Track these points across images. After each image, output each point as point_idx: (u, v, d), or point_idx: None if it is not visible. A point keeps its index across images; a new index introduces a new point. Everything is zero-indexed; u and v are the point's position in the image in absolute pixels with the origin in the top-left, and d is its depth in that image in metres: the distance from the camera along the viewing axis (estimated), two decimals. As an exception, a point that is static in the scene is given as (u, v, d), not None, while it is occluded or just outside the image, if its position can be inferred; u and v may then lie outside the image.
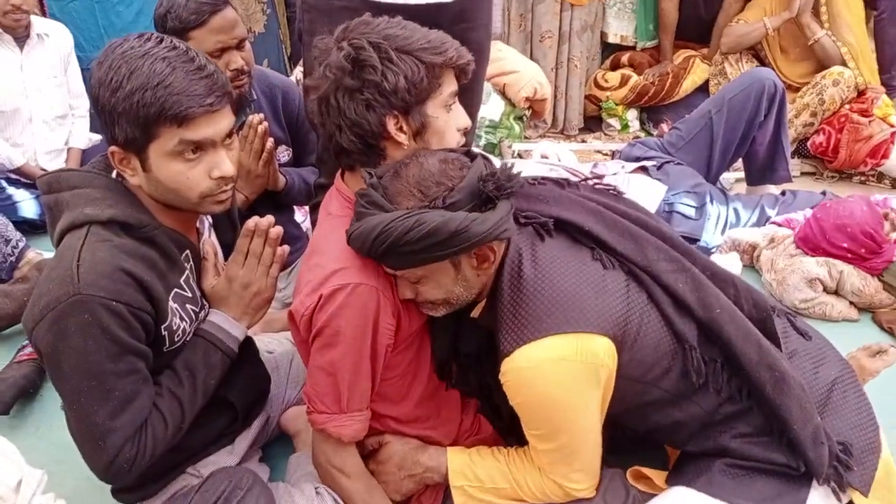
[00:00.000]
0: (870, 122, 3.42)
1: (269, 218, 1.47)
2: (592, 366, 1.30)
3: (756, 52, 3.86)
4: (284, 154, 2.28)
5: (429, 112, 1.36)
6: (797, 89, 3.65)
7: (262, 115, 2.02)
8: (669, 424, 1.44)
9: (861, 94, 3.56)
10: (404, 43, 1.31)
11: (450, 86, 1.37)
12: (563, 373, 1.29)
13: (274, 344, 2.09)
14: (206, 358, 1.44)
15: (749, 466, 1.39)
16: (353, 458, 1.50)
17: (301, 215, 2.61)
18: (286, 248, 1.50)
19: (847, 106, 3.53)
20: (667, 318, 1.35)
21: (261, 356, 1.76)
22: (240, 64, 1.94)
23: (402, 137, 1.35)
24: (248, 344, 1.62)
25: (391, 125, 1.34)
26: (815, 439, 1.33)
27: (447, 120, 1.39)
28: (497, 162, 2.92)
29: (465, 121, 1.42)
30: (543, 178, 1.52)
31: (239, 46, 1.94)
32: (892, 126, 3.42)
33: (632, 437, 1.56)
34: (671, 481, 1.48)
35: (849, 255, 2.41)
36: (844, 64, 3.58)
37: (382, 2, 1.67)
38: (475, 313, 1.48)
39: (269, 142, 2.03)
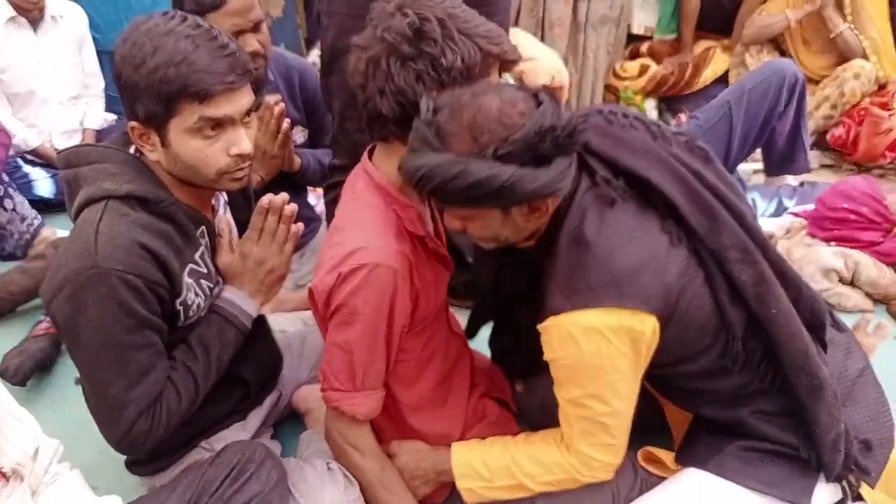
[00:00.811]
0: (890, 115, 3.38)
1: (284, 195, 1.48)
2: (639, 342, 1.27)
3: (777, 44, 3.82)
4: (300, 135, 2.30)
5: None
6: (817, 82, 3.62)
7: (278, 97, 2.02)
8: (692, 390, 1.44)
9: (882, 87, 3.52)
10: (466, 26, 1.29)
11: (495, 77, 1.36)
12: (610, 343, 1.26)
13: (286, 324, 2.11)
14: (221, 333, 1.45)
15: (761, 449, 1.39)
16: (367, 436, 1.51)
17: (314, 198, 2.62)
18: (300, 225, 1.51)
19: (867, 99, 3.49)
20: (719, 305, 1.31)
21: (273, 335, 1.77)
22: (255, 47, 1.94)
23: None
24: (261, 321, 1.63)
25: None
26: (835, 446, 1.32)
27: None
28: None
29: None
30: (637, 119, 1.41)
31: (255, 29, 1.94)
32: (913, 120, 3.39)
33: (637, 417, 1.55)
34: (682, 461, 1.47)
35: (852, 218, 2.39)
36: (866, 57, 3.54)
37: None
38: (528, 250, 1.43)
39: (286, 123, 2.03)
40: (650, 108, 4.06)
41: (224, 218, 1.55)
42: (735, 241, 1.31)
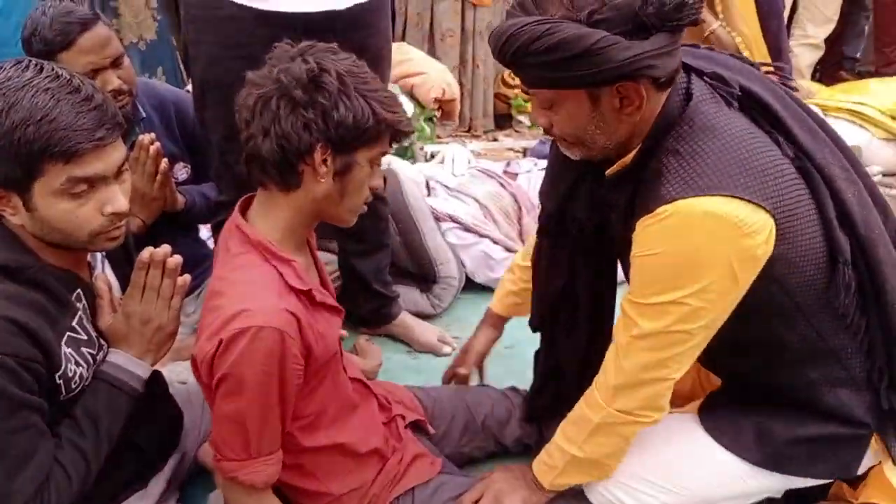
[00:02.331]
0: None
1: (166, 247, 1.38)
2: (755, 244, 1.16)
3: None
4: (183, 172, 2.17)
5: (357, 159, 1.31)
6: (696, 79, 3.75)
7: (153, 135, 1.90)
8: (768, 341, 1.34)
9: (756, 80, 3.69)
10: (365, 87, 1.27)
11: (384, 146, 1.33)
12: (728, 237, 1.15)
13: (185, 373, 1.98)
14: (110, 402, 1.35)
15: (810, 437, 1.36)
16: (270, 500, 1.42)
17: (207, 231, 2.50)
18: (187, 277, 1.41)
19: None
20: (828, 225, 1.23)
21: (172, 388, 1.67)
22: (116, 84, 1.82)
23: (322, 170, 1.29)
24: (155, 379, 1.52)
25: (318, 153, 1.27)
26: None
27: (369, 174, 1.34)
28: (408, 165, 2.91)
29: (380, 182, 1.39)
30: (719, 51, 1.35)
31: (115, 65, 1.82)
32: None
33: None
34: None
35: None
36: (739, 53, 3.70)
37: (272, 11, 1.60)
38: (611, 171, 1.32)
39: (164, 162, 1.92)
40: (541, 114, 4.12)
41: (102, 276, 1.43)
42: (836, 159, 1.28)
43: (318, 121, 1.24)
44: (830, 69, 4.60)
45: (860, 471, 1.39)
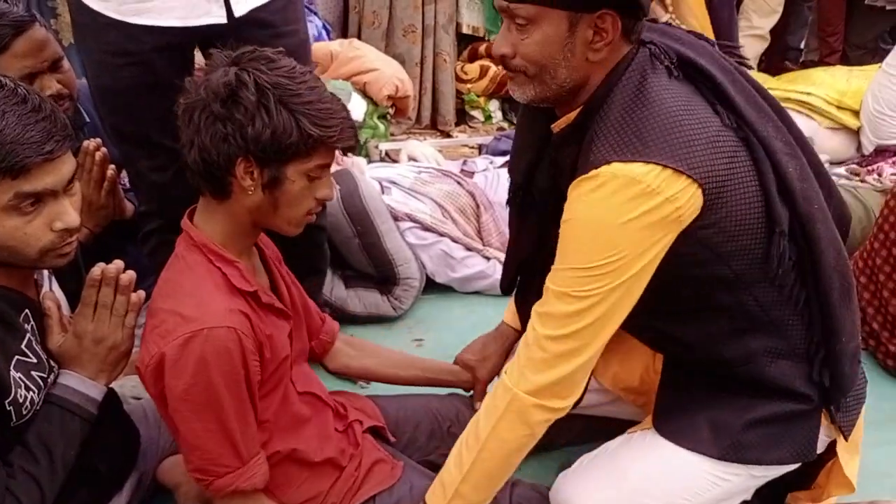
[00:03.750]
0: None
1: (118, 263, 1.33)
2: (677, 212, 1.19)
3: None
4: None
5: (287, 174, 1.27)
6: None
7: (98, 141, 1.83)
8: (712, 309, 1.36)
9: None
10: (291, 98, 1.23)
11: (321, 159, 1.29)
12: (648, 204, 1.18)
13: (139, 388, 1.90)
14: (63, 427, 1.29)
15: (762, 419, 1.37)
16: (266, 500, 1.41)
17: (157, 239, 2.42)
18: (141, 293, 1.36)
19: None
20: (767, 197, 1.26)
21: (126, 405, 1.62)
22: (56, 89, 1.75)
23: (248, 183, 1.27)
24: (109, 399, 1.46)
25: (240, 167, 1.25)
26: (855, 356, 1.35)
27: (306, 187, 1.30)
28: (364, 163, 2.86)
29: (327, 193, 1.35)
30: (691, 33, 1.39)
31: (53, 68, 1.75)
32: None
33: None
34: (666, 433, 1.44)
35: None
36: (688, 45, 3.75)
37: (147, 24, 1.55)
38: (557, 125, 1.35)
39: (111, 169, 1.85)
40: (494, 109, 4.12)
41: (50, 294, 1.37)
42: (780, 134, 1.30)
43: (235, 136, 1.22)
44: (775, 60, 4.68)
45: (819, 449, 1.42)
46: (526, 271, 1.61)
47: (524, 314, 1.63)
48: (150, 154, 1.66)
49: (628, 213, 1.18)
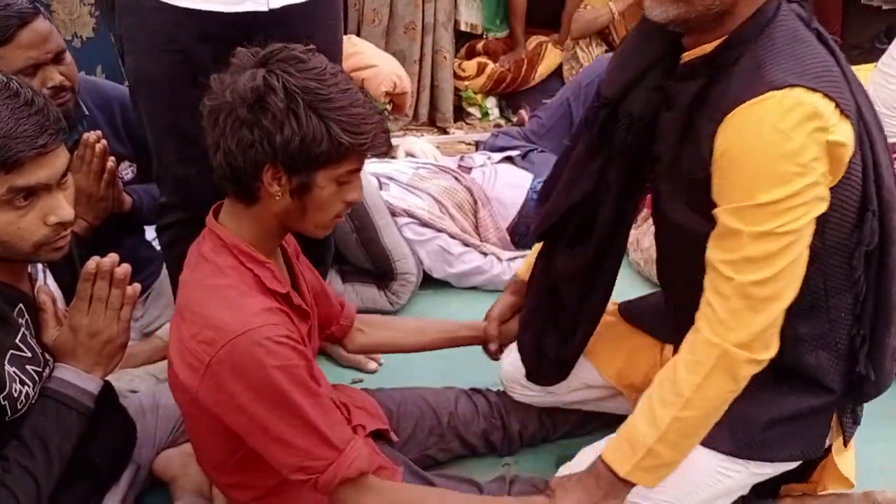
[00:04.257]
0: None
1: (113, 256, 1.32)
2: (846, 155, 1.19)
3: (605, 36, 3.96)
4: (128, 171, 2.09)
5: (317, 180, 1.23)
6: (644, 69, 3.79)
7: (98, 133, 1.83)
8: None
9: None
10: (322, 104, 1.17)
11: (351, 165, 1.24)
12: (829, 138, 1.15)
13: (136, 382, 1.92)
14: (59, 421, 1.29)
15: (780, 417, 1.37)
16: (381, 481, 1.35)
17: (152, 232, 2.41)
18: (137, 286, 1.36)
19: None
20: (866, 173, 1.25)
21: (123, 399, 1.61)
22: (57, 80, 1.74)
23: (275, 189, 1.23)
24: (105, 392, 1.45)
25: (268, 174, 1.21)
26: (894, 354, 1.36)
27: (335, 192, 1.26)
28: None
29: (356, 196, 1.31)
30: None
31: (56, 60, 1.74)
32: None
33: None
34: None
35: None
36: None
37: (189, 8, 1.54)
38: (690, 55, 1.28)
39: (110, 161, 1.84)
40: (492, 106, 4.11)
41: (44, 288, 1.37)
42: (877, 122, 1.29)
43: (262, 142, 1.18)
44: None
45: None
46: (572, 216, 1.52)
47: (548, 265, 1.58)
48: (179, 146, 1.64)
49: (815, 141, 1.14)
